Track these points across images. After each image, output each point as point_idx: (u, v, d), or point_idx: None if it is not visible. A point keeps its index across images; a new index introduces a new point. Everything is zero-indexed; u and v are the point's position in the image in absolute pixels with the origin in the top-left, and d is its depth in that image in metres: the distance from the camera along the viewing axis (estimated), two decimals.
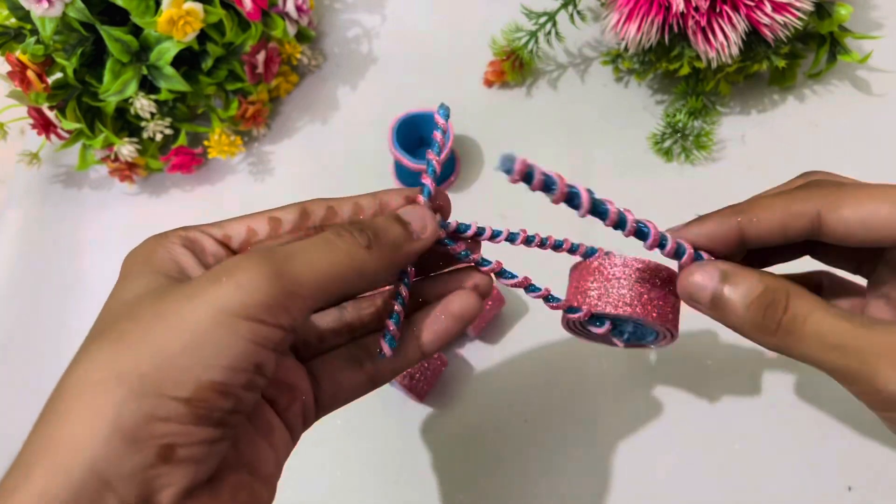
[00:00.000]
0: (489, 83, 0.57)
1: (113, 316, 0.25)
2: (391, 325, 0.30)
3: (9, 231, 0.55)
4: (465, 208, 0.53)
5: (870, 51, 0.53)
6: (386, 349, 0.30)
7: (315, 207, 0.30)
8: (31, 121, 0.51)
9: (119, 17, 0.50)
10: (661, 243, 0.29)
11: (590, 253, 0.32)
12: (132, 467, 0.21)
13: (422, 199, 0.31)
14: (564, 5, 0.54)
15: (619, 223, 0.28)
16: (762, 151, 0.53)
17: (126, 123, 0.54)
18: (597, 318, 0.32)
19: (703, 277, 0.29)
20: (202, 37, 0.51)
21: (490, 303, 0.46)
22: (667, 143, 0.53)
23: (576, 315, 0.32)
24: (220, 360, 0.22)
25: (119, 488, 0.21)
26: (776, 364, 0.46)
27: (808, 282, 0.35)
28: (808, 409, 0.44)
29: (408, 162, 0.50)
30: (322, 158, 0.56)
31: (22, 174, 0.57)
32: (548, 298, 0.32)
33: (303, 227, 0.29)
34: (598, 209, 0.27)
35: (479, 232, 0.31)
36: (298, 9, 0.55)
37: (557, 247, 0.32)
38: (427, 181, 0.31)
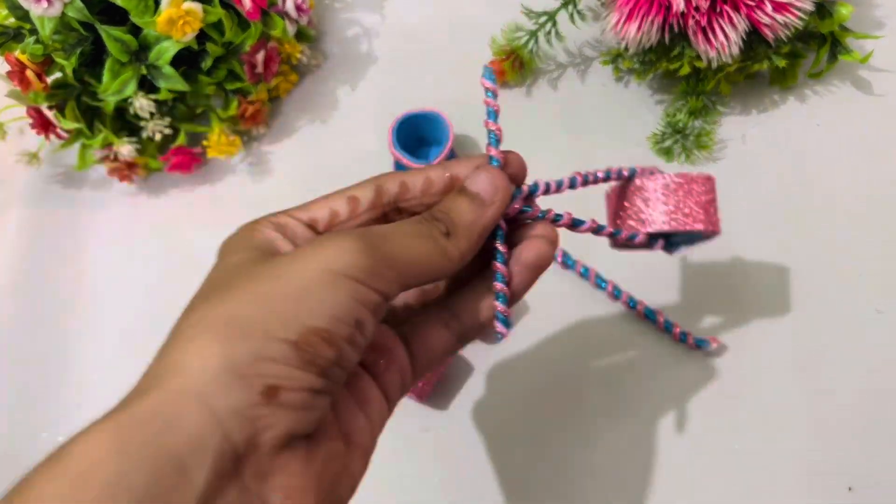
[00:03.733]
0: None
1: (218, 279, 0.26)
2: (500, 305, 0.30)
3: (8, 231, 0.55)
4: None
5: (871, 50, 0.52)
6: (501, 329, 0.31)
7: (388, 184, 0.31)
8: (30, 120, 0.51)
9: (118, 17, 0.50)
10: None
11: (632, 173, 0.35)
12: (239, 402, 0.22)
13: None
14: (564, 5, 0.54)
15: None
16: (763, 151, 0.53)
17: (125, 123, 0.54)
18: (652, 238, 0.35)
19: None
20: (201, 36, 0.51)
21: None
22: (667, 143, 0.53)
23: (635, 240, 0.34)
24: (325, 309, 0.24)
25: (225, 421, 0.22)
26: (776, 363, 0.46)
27: None
28: (808, 409, 0.44)
29: (408, 162, 0.50)
30: (322, 158, 0.56)
31: (21, 174, 0.57)
32: (599, 229, 0.33)
33: (378, 205, 0.30)
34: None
35: (535, 189, 0.32)
36: (298, 8, 0.55)
37: (605, 178, 0.35)
38: (493, 152, 0.31)
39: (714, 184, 0.35)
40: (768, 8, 0.46)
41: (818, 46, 0.52)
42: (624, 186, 0.35)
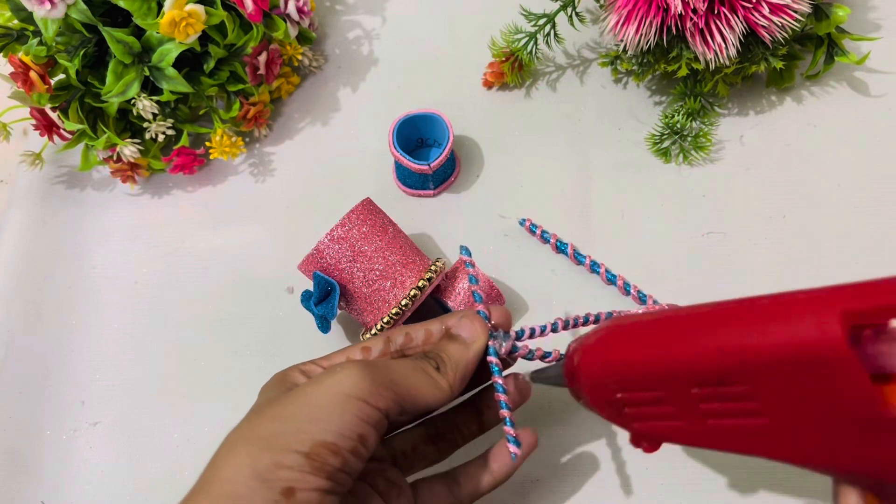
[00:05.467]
0: (489, 84, 0.58)
1: (255, 408, 0.34)
2: (508, 429, 0.37)
3: (11, 231, 0.55)
4: (465, 209, 0.53)
5: (867, 52, 0.53)
6: (514, 449, 0.36)
7: (396, 336, 0.38)
8: (33, 122, 0.52)
9: (121, 19, 0.50)
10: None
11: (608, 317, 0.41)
12: (263, 501, 0.28)
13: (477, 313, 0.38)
14: (563, 7, 0.54)
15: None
16: (760, 152, 0.53)
17: (128, 124, 0.55)
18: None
19: None
20: (204, 38, 0.51)
21: (490, 301, 0.46)
22: (665, 144, 0.53)
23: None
24: (333, 426, 0.30)
25: None
26: None
27: None
28: None
29: (408, 162, 0.50)
30: (323, 159, 0.57)
31: (24, 175, 0.57)
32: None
33: (387, 353, 0.38)
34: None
35: (521, 334, 0.39)
36: (299, 10, 0.56)
37: (584, 322, 0.40)
38: (480, 307, 0.38)
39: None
40: (765, 10, 0.46)
41: (815, 48, 0.53)
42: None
